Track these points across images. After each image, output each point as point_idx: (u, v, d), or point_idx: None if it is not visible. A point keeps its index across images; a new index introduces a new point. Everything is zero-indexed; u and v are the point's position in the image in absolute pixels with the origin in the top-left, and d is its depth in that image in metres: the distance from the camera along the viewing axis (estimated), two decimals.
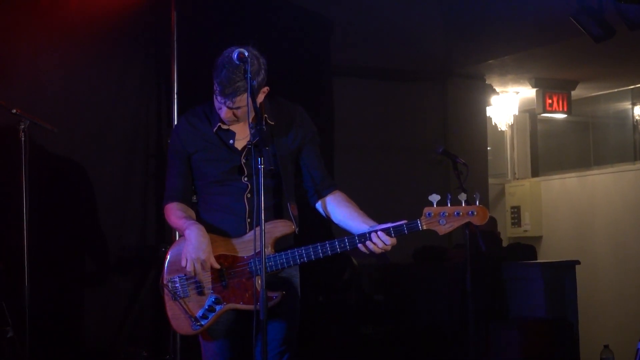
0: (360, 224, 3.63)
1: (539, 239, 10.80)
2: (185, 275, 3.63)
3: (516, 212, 11.08)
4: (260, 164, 3.31)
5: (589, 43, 6.92)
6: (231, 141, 3.70)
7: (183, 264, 3.58)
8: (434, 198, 3.54)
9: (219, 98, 3.58)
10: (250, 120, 3.58)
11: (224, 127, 3.71)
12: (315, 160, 3.82)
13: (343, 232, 3.69)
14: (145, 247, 6.31)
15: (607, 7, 6.54)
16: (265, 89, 3.67)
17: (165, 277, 3.68)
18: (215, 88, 3.58)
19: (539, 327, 6.57)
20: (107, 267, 6.19)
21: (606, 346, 6.96)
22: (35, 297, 5.07)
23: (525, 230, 10.92)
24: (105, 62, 6.29)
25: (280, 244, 3.61)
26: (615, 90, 10.37)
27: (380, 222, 3.61)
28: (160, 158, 6.31)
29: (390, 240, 3.53)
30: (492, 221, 7.94)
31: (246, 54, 3.43)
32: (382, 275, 7.50)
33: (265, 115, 3.68)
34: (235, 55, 3.44)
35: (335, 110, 7.66)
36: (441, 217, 3.54)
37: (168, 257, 3.71)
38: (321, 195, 3.80)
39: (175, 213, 3.73)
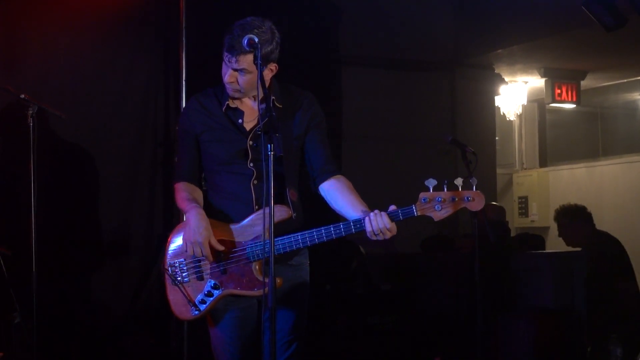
0: (357, 212, 3.57)
1: (546, 229, 10.78)
2: (185, 259, 3.62)
3: (524, 202, 11.06)
4: (270, 151, 3.25)
5: (599, 33, 6.88)
6: (240, 120, 3.68)
7: (183, 247, 3.58)
8: (431, 183, 3.47)
9: (225, 55, 3.56)
10: (260, 100, 3.51)
11: (232, 105, 3.69)
12: (318, 145, 3.77)
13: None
14: (152, 235, 6.32)
15: None
16: (274, 66, 3.65)
17: (167, 261, 3.67)
18: (223, 45, 3.55)
19: (547, 317, 6.55)
20: (115, 254, 6.19)
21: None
22: (42, 284, 5.07)
23: (533, 221, 10.91)
24: (114, 50, 6.29)
25: (280, 230, 3.53)
26: (625, 80, 10.34)
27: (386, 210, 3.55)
28: (169, 146, 6.31)
29: (389, 224, 3.45)
30: (501, 211, 7.92)
31: (256, 40, 3.38)
32: (390, 264, 7.49)
33: (273, 98, 3.65)
34: (245, 41, 3.39)
35: (344, 99, 7.65)
36: (436, 202, 3.47)
37: (169, 241, 3.70)
38: (321, 180, 3.75)
39: (181, 194, 3.71)
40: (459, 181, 3.46)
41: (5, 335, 5.21)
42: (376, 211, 3.48)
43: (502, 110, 10.20)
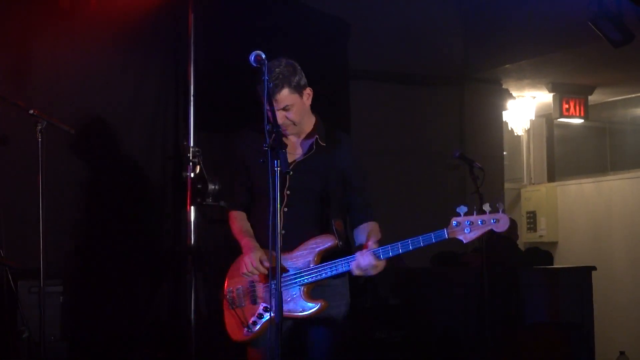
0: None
1: (554, 244, 10.75)
2: (242, 286, 3.88)
3: (532, 217, 11.03)
4: (277, 167, 3.37)
5: (607, 48, 6.89)
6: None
7: (241, 269, 3.79)
8: (462, 209, 3.70)
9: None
10: (269, 121, 3.55)
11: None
12: (356, 188, 3.97)
13: None
14: (160, 250, 6.32)
15: (627, 12, 6.50)
16: (309, 90, 3.85)
17: (225, 288, 3.94)
18: (261, 97, 3.63)
19: (555, 333, 6.54)
20: (122, 269, 6.19)
21: (622, 352, 6.93)
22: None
23: (541, 236, 10.87)
24: (124, 64, 6.32)
25: (325, 258, 3.79)
26: (633, 95, 10.32)
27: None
28: (178, 160, 6.33)
29: (375, 261, 3.84)
30: (512, 225, 7.91)
31: (263, 56, 3.45)
32: (398, 279, 7.47)
33: (317, 137, 3.88)
34: (252, 57, 3.44)
35: (352, 113, 7.66)
36: (466, 225, 3.69)
37: (230, 269, 3.96)
38: (357, 224, 3.98)
39: (235, 224, 3.96)
40: (486, 206, 3.70)
41: (14, 350, 5.22)
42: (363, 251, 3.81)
43: (510, 125, 10.20)
